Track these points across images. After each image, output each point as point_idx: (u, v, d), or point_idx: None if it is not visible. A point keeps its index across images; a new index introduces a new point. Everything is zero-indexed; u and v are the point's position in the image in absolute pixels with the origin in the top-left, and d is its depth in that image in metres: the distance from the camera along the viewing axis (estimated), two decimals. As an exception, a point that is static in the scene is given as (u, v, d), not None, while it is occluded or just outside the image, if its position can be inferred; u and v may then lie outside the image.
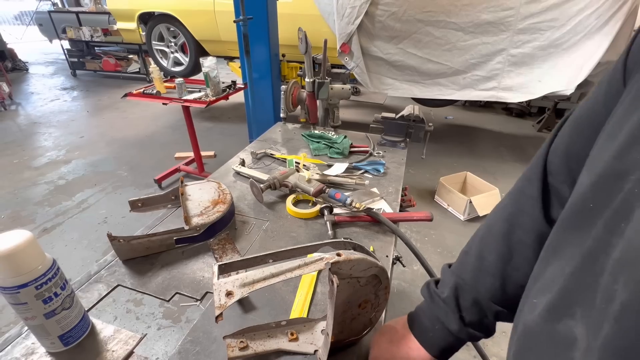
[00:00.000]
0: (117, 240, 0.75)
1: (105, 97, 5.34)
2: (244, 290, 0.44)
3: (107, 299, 0.69)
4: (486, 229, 0.51)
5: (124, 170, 3.19)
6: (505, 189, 2.64)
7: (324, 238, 0.86)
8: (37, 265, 0.50)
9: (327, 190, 1.00)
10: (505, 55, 2.77)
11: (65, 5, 8.26)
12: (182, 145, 3.54)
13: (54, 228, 2.41)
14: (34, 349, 0.57)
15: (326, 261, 0.45)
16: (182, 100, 2.53)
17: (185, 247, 0.82)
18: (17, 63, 6.91)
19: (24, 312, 0.51)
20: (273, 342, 0.58)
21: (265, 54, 2.79)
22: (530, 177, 0.47)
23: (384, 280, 0.52)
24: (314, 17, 3.20)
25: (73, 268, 2.03)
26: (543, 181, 0.45)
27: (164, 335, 0.61)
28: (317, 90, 1.47)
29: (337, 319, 0.51)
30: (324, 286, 0.73)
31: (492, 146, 3.78)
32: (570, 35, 2.55)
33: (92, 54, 6.68)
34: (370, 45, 2.92)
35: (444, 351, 0.51)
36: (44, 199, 2.75)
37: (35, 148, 3.64)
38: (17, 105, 4.97)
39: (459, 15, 2.70)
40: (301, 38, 1.39)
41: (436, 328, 0.50)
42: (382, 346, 0.54)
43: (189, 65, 4.62)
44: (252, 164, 1.25)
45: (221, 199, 0.91)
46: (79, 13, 6.25)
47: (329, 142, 1.37)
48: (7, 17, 13.03)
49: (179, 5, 4.13)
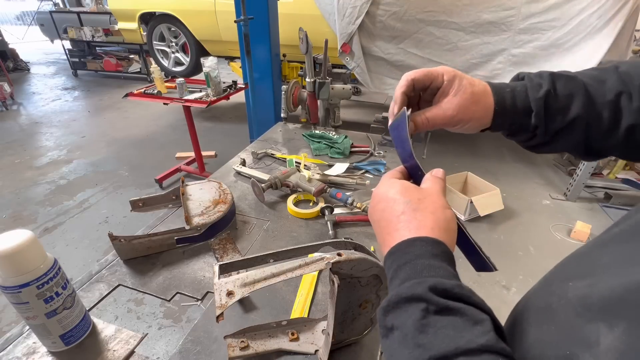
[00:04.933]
0: (118, 240, 0.75)
1: (106, 97, 5.34)
2: (245, 290, 0.44)
3: (108, 299, 0.69)
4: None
5: (125, 170, 3.20)
6: (506, 189, 2.63)
7: (325, 238, 0.86)
8: (39, 264, 0.50)
9: (328, 190, 1.00)
10: (507, 55, 2.76)
11: (67, 6, 8.27)
12: (183, 145, 3.54)
13: (55, 228, 2.42)
14: (36, 348, 0.58)
15: (327, 261, 0.45)
16: (183, 100, 2.54)
17: (186, 247, 0.82)
18: (18, 63, 6.92)
19: (26, 312, 0.51)
20: (274, 342, 0.58)
21: (266, 54, 2.79)
22: None
23: (384, 280, 0.52)
24: (314, 17, 3.19)
25: (74, 268, 2.03)
26: None
27: (165, 335, 0.61)
28: (317, 90, 1.47)
29: (337, 318, 0.51)
30: (325, 286, 0.73)
31: (493, 146, 3.77)
32: (572, 35, 2.55)
33: (93, 54, 6.70)
34: (371, 45, 2.91)
35: (505, 109, 0.43)
36: (45, 198, 2.76)
37: (36, 148, 3.65)
38: (19, 105, 4.98)
39: (460, 15, 2.70)
40: (302, 38, 1.39)
41: (516, 89, 0.44)
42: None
43: (189, 65, 4.62)
44: (253, 163, 1.25)
45: (222, 198, 0.91)
46: (80, 13, 6.26)
47: (330, 142, 1.37)
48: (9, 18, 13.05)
49: (180, 5, 4.13)
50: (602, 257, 0.30)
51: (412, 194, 0.37)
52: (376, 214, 0.39)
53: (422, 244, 0.32)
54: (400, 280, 0.31)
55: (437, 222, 0.35)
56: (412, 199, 0.37)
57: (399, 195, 0.38)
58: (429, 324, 0.26)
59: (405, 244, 0.33)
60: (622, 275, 0.25)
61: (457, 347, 0.24)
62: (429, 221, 0.35)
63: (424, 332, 0.25)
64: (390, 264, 0.33)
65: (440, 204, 0.37)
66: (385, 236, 0.36)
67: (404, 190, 0.38)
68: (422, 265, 0.30)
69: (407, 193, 0.38)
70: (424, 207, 0.36)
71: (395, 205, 0.37)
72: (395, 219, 0.36)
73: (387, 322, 0.29)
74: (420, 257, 0.31)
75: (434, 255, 0.31)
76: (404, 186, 0.39)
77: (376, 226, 0.39)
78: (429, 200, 0.37)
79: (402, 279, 0.31)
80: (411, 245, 0.33)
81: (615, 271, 0.26)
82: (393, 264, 0.33)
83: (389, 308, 0.29)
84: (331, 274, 0.46)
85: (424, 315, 0.26)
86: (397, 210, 0.36)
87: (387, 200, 0.38)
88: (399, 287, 0.30)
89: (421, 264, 0.31)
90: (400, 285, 0.30)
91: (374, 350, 0.60)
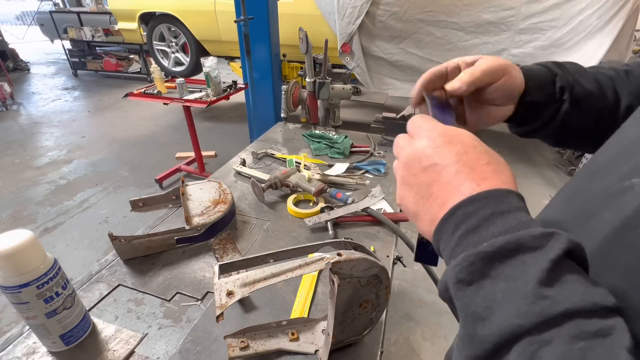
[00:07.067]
0: (118, 239, 0.75)
1: (106, 97, 5.35)
2: (245, 290, 0.44)
3: (108, 299, 0.69)
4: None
5: (125, 170, 3.20)
6: (506, 189, 2.70)
7: (325, 238, 0.86)
8: (39, 264, 0.50)
9: (328, 190, 1.00)
10: (507, 55, 2.76)
11: (67, 6, 8.29)
12: (182, 145, 3.54)
13: (55, 228, 2.42)
14: (35, 348, 0.58)
15: (327, 261, 0.45)
16: (183, 100, 2.54)
17: (186, 247, 0.82)
18: (18, 63, 6.93)
19: (26, 312, 0.51)
20: (274, 342, 0.58)
21: (266, 54, 2.79)
22: None
23: (384, 280, 0.52)
24: (314, 17, 3.20)
25: (74, 268, 2.04)
26: None
27: (165, 335, 0.61)
28: (317, 90, 1.47)
29: (337, 318, 0.51)
30: (325, 286, 0.73)
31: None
32: (572, 35, 2.55)
33: (93, 54, 6.70)
34: (371, 45, 2.92)
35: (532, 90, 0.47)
36: (45, 198, 2.76)
37: (36, 148, 3.65)
38: (19, 105, 4.98)
39: (460, 15, 2.70)
40: (302, 38, 1.39)
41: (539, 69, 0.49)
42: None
43: (189, 65, 4.62)
44: (253, 163, 1.25)
45: (222, 198, 0.91)
46: (80, 13, 6.26)
47: (330, 142, 1.37)
48: (9, 18, 13.06)
49: (180, 5, 4.13)
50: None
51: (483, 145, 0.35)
52: (448, 156, 0.33)
53: (519, 199, 0.29)
54: (503, 228, 0.27)
55: (513, 178, 0.32)
56: (490, 150, 0.35)
57: (477, 142, 0.35)
58: (555, 278, 0.23)
59: (499, 193, 0.29)
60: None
61: (594, 303, 0.22)
62: (512, 176, 0.32)
63: (548, 286, 0.23)
64: (475, 209, 0.29)
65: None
66: (462, 181, 0.31)
67: (475, 137, 0.36)
68: (527, 219, 0.27)
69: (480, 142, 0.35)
70: (503, 162, 0.34)
71: (478, 152, 0.34)
72: (480, 167, 0.32)
73: (490, 270, 0.25)
74: (521, 210, 0.28)
75: (527, 211, 0.29)
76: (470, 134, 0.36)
77: (444, 169, 0.33)
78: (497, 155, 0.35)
79: (507, 227, 0.27)
80: (507, 196, 0.29)
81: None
82: (481, 210, 0.28)
83: (499, 254, 0.25)
84: (331, 274, 0.46)
85: (550, 267, 0.23)
86: (482, 160, 0.33)
87: (465, 144, 0.34)
88: (514, 233, 0.26)
89: (526, 218, 0.27)
90: (511, 232, 0.26)
91: (374, 350, 0.60)
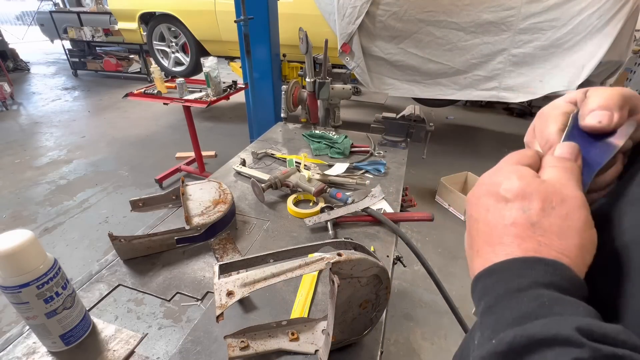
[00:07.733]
0: (118, 239, 0.75)
1: (106, 97, 5.34)
2: (245, 290, 0.44)
3: (108, 299, 0.69)
4: None
5: (125, 170, 3.20)
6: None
7: (325, 238, 0.86)
8: (39, 264, 0.50)
9: (328, 190, 1.00)
10: (507, 55, 2.76)
11: (67, 6, 8.28)
12: (182, 145, 3.54)
13: (55, 228, 2.42)
14: (35, 348, 0.58)
15: (327, 261, 0.45)
16: (183, 100, 2.54)
17: (186, 247, 0.82)
18: (18, 63, 6.93)
19: (26, 312, 0.51)
20: (274, 342, 0.58)
21: (266, 54, 2.79)
22: None
23: (384, 280, 0.52)
24: (314, 17, 3.20)
25: (74, 268, 2.04)
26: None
27: (165, 335, 0.61)
28: (317, 90, 1.47)
29: (337, 319, 0.51)
30: (325, 286, 0.73)
31: (493, 146, 3.77)
32: (572, 35, 2.55)
33: (93, 54, 6.70)
34: (371, 45, 2.91)
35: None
36: (45, 198, 2.76)
37: (36, 148, 3.65)
38: (19, 105, 4.98)
39: (460, 15, 2.70)
40: (302, 38, 1.39)
41: None
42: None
43: (189, 65, 4.62)
44: (253, 163, 1.25)
45: (222, 198, 0.91)
46: (80, 13, 6.26)
47: (330, 142, 1.37)
48: (9, 18, 13.05)
49: (180, 5, 4.13)
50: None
51: (534, 196, 0.27)
52: (477, 210, 0.29)
53: (545, 268, 0.24)
54: (517, 313, 0.23)
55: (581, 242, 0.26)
56: (534, 206, 0.27)
57: (513, 196, 0.28)
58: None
59: (519, 263, 0.25)
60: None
61: None
62: (557, 238, 0.26)
63: None
64: (492, 284, 0.25)
65: (578, 216, 0.26)
66: (482, 245, 0.28)
67: (526, 186, 0.28)
68: (549, 297, 0.23)
69: (529, 194, 0.27)
70: (556, 216, 0.26)
71: (505, 210, 0.28)
72: (502, 228, 0.27)
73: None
74: (541, 285, 0.24)
75: (562, 289, 0.23)
76: (528, 181, 0.28)
77: (474, 224, 0.30)
78: (565, 208, 0.26)
79: (522, 313, 0.23)
80: (529, 267, 0.25)
81: None
82: (496, 285, 0.25)
83: (516, 353, 0.21)
84: (331, 274, 0.46)
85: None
86: (507, 217, 0.27)
87: (498, 197, 0.28)
88: (524, 326, 0.22)
89: (548, 296, 0.23)
90: (524, 324, 0.22)
91: (374, 350, 0.60)
